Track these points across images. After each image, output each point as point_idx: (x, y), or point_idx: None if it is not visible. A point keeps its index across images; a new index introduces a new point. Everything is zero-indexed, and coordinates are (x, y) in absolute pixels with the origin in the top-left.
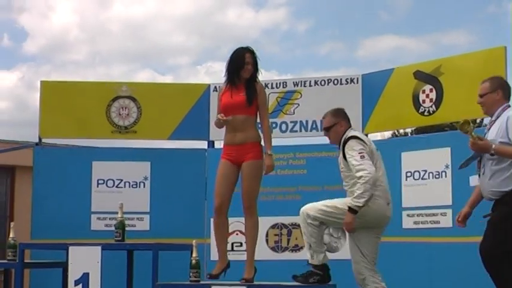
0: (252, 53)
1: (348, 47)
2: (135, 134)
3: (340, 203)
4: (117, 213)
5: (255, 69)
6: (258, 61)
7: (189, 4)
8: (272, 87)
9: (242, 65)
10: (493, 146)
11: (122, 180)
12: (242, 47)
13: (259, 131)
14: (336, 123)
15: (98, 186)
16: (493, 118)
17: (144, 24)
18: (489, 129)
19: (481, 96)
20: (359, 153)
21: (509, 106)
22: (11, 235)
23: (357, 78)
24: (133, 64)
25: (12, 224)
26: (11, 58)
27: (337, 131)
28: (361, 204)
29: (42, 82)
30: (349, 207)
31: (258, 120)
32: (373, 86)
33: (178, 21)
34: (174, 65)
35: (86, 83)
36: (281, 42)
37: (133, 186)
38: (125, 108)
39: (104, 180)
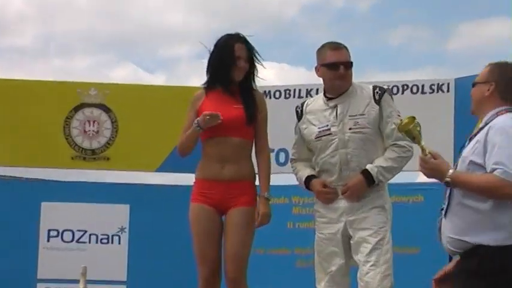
0: (244, 42)
1: (435, 34)
2: (108, 162)
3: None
4: (77, 282)
5: (251, 68)
6: (256, 55)
7: None
8: (307, 95)
9: (232, 61)
10: (450, 171)
11: (85, 232)
12: (229, 35)
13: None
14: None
15: (48, 241)
16: (481, 125)
17: None
18: (470, 139)
19: (473, 85)
20: (398, 115)
21: (508, 111)
22: None
23: (448, 84)
24: (106, 55)
25: None
26: None
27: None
28: (384, 179)
29: None
30: (367, 171)
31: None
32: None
33: None
34: (167, 57)
35: (33, 82)
36: (332, 26)
37: (104, 241)
38: (93, 122)
39: (57, 231)
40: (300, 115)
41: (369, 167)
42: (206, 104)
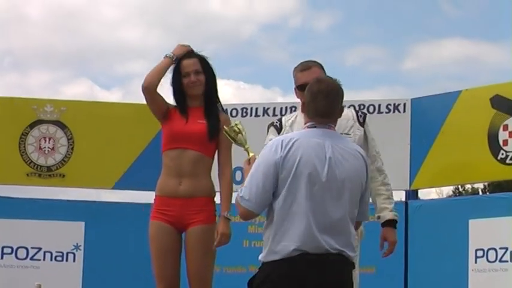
0: (194, 57)
1: (391, 54)
2: (63, 179)
3: None
4: None
5: (210, 82)
6: (209, 69)
7: None
8: (272, 114)
9: (180, 79)
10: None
11: (40, 249)
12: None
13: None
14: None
15: (2, 258)
16: None
17: (81, 10)
18: None
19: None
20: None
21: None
22: None
23: (404, 104)
24: (62, 71)
25: None
26: None
27: None
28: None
29: None
30: (392, 220)
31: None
32: (428, 117)
33: (131, 6)
34: (124, 73)
35: None
36: (289, 44)
37: (58, 259)
38: (49, 139)
39: (11, 248)
40: (279, 127)
41: (391, 215)
42: (172, 114)
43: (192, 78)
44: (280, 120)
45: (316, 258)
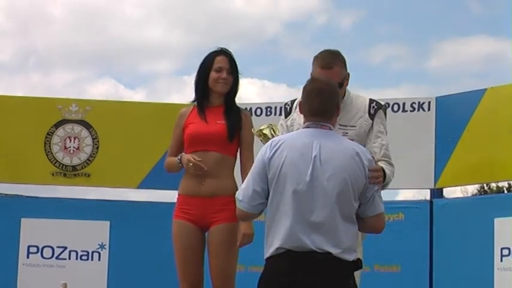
0: (228, 56)
1: (416, 52)
2: (88, 178)
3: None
4: None
5: (235, 84)
6: (237, 70)
7: None
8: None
9: (210, 71)
10: None
11: (65, 248)
12: (214, 50)
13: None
14: (347, 75)
15: (28, 257)
16: None
17: (103, 9)
18: None
19: None
20: (386, 134)
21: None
22: None
23: (429, 103)
24: (86, 70)
25: None
26: None
27: (345, 86)
28: (388, 181)
29: None
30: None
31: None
32: (453, 115)
33: (154, 5)
34: (148, 73)
35: (13, 98)
36: (313, 43)
37: (83, 258)
38: (74, 138)
39: (37, 248)
40: (288, 112)
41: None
42: (190, 119)
43: (224, 74)
44: (292, 102)
45: (300, 256)
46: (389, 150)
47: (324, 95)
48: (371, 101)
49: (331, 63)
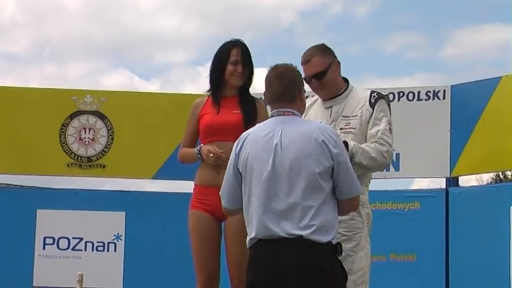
0: (243, 48)
1: (431, 40)
2: (104, 169)
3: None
4: None
5: (249, 75)
6: (251, 62)
7: None
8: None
9: (226, 64)
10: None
11: (81, 239)
12: (229, 41)
13: None
14: (332, 62)
15: (44, 249)
16: None
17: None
18: None
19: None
20: (389, 123)
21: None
22: None
23: (444, 91)
24: (101, 61)
25: None
26: None
27: (335, 74)
28: (356, 160)
29: None
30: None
31: None
32: (468, 104)
33: None
34: (162, 63)
35: (28, 89)
36: (328, 32)
37: (99, 249)
38: (89, 129)
39: (53, 239)
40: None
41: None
42: (205, 109)
43: (240, 68)
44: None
45: (273, 245)
46: (388, 136)
47: (284, 78)
48: (372, 91)
49: (308, 56)
